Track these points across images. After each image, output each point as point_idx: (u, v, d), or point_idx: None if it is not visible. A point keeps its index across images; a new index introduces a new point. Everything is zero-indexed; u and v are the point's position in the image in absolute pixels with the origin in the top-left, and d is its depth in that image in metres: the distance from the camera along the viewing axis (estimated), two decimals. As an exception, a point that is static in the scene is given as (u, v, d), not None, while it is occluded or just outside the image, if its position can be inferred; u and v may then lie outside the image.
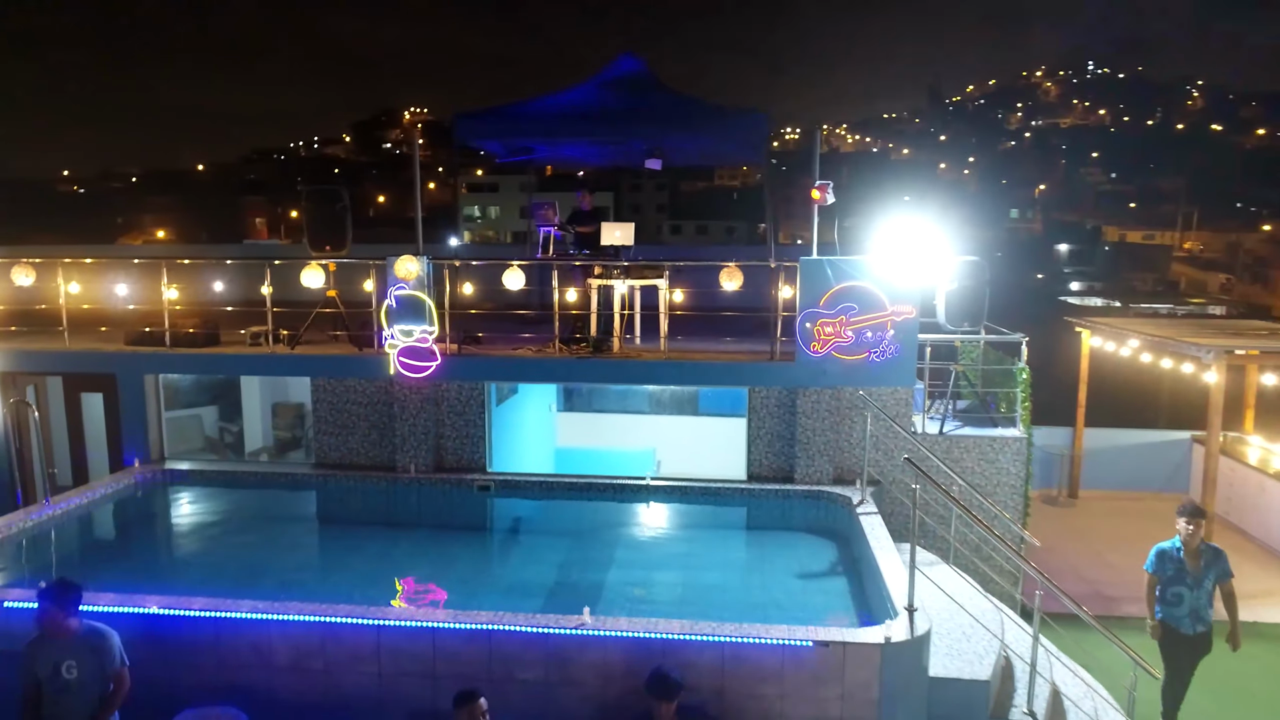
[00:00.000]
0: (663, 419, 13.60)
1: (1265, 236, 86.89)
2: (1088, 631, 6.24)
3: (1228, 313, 58.12)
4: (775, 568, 8.14)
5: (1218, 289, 76.79)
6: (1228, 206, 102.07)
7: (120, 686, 5.57)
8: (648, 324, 10.44)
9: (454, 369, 9.60)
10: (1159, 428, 16.32)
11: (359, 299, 10.51)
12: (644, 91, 10.20)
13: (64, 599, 5.51)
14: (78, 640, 5.51)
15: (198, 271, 10.54)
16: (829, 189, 8.94)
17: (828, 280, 9.08)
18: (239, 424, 13.68)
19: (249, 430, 13.50)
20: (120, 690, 5.57)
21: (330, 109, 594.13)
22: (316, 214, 9.90)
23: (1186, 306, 62.26)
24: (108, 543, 8.88)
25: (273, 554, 8.48)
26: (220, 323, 10.70)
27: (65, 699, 5.43)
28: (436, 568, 8.14)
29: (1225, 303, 65.58)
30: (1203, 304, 64.38)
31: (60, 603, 5.49)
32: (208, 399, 13.40)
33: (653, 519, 9.41)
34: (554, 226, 10.35)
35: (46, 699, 5.43)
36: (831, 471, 9.42)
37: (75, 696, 5.44)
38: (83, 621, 5.59)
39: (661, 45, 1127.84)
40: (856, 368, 9.16)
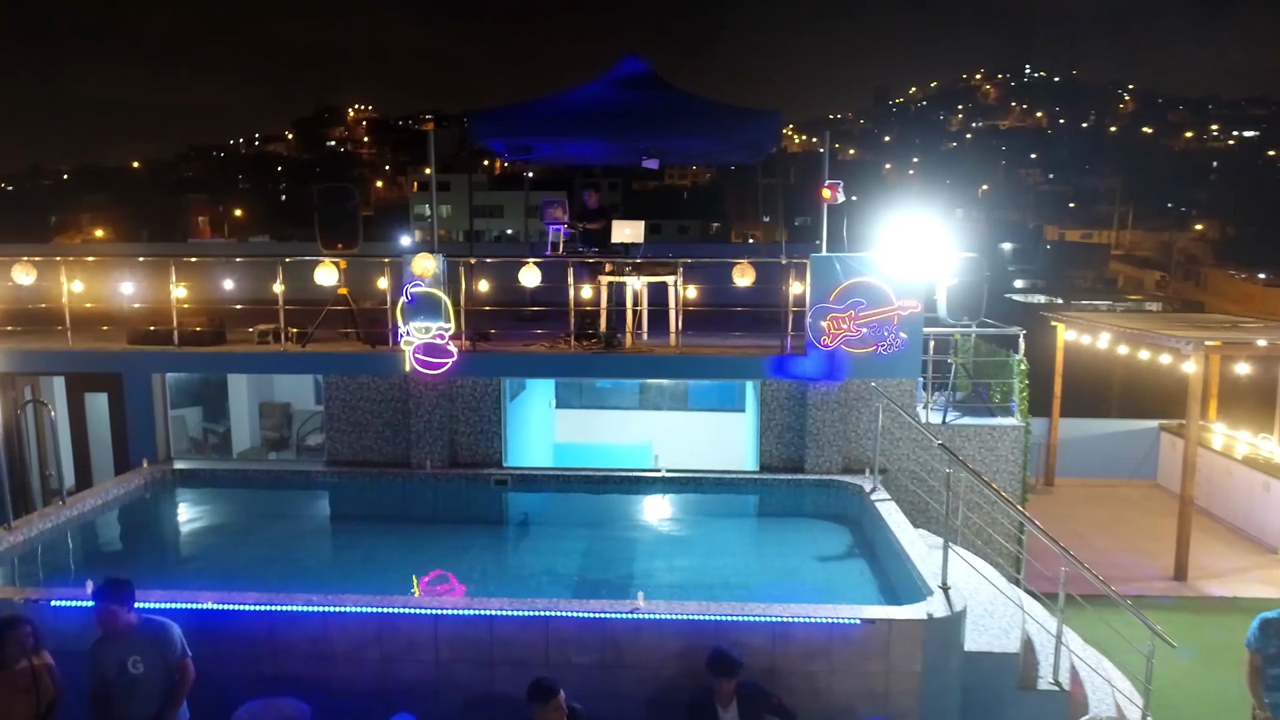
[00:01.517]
0: (657, 414, 13.86)
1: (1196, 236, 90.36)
2: (1085, 609, 6.72)
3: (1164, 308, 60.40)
4: (795, 552, 8.44)
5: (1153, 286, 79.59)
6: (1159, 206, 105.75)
7: (185, 677, 5.62)
8: (655, 320, 10.66)
9: (470, 365, 9.71)
10: (1109, 417, 17.07)
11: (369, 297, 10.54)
12: (652, 91, 10.41)
13: (119, 595, 5.55)
14: (139, 635, 5.55)
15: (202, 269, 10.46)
16: (839, 188, 9.27)
17: (837, 276, 9.41)
18: (225, 424, 13.56)
19: (236, 431, 13.40)
20: (185, 680, 5.62)
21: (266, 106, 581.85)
22: (327, 212, 9.91)
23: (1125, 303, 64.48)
24: (132, 542, 8.81)
25: (298, 551, 8.51)
26: (226, 321, 10.63)
27: (134, 693, 5.48)
28: (462, 562, 8.25)
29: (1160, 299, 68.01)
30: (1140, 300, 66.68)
31: (116, 599, 5.53)
32: (190, 400, 13.26)
33: (670, 510, 9.64)
34: (563, 225, 10.51)
35: (115, 695, 5.47)
36: (840, 461, 9.75)
37: (143, 690, 5.49)
38: (140, 616, 5.64)
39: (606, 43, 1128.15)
40: (864, 360, 9.50)
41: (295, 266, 10.19)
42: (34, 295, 10.20)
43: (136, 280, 10.38)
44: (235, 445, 13.27)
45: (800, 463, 9.87)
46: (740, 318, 10.19)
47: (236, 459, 12.83)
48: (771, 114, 10.00)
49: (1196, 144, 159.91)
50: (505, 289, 11.74)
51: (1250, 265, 69.37)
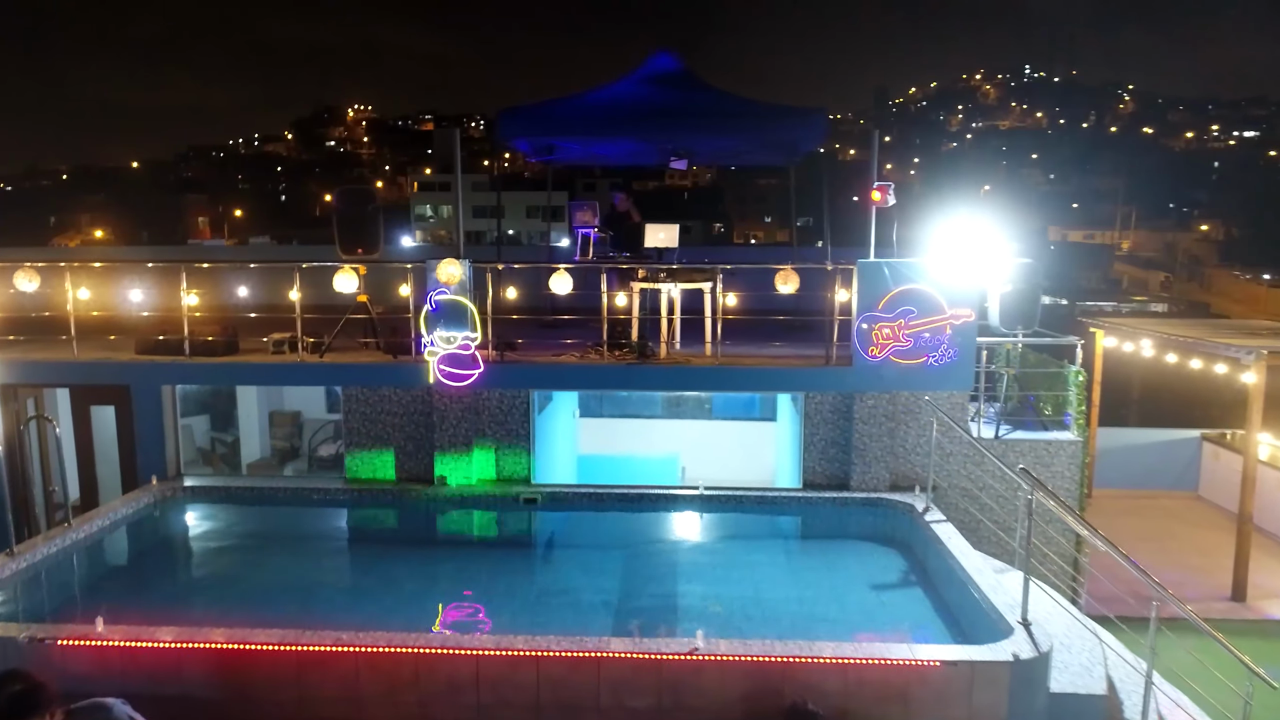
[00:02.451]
0: (681, 423, 13.35)
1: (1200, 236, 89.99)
2: (1170, 638, 6.21)
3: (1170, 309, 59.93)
4: (846, 578, 7.94)
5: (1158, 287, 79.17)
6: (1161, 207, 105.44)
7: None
8: (688, 328, 10.15)
9: (497, 377, 9.21)
10: (1129, 425, 16.59)
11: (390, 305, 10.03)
12: (686, 88, 9.92)
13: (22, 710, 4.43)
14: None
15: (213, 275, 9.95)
16: (890, 190, 8.78)
17: (886, 283, 8.91)
18: (233, 434, 13.05)
19: (245, 441, 12.87)
20: None
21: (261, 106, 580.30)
22: (347, 215, 9.40)
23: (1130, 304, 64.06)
24: (141, 569, 8.29)
25: (319, 578, 8.01)
26: (239, 329, 10.11)
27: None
28: (493, 589, 7.74)
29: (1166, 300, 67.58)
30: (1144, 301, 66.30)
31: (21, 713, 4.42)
32: (197, 408, 12.76)
33: (710, 531, 9.15)
34: (592, 229, 10.00)
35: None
36: (888, 478, 9.26)
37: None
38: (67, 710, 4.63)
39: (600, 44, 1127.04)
40: (914, 372, 9.00)
41: (311, 272, 9.68)
42: (37, 303, 9.68)
43: (145, 287, 9.85)
44: (244, 456, 12.75)
45: (845, 479, 9.37)
46: (779, 326, 9.67)
47: (246, 471, 12.35)
48: (816, 112, 9.50)
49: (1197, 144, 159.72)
50: (528, 295, 11.23)
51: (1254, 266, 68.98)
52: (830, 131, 9.58)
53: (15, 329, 9.81)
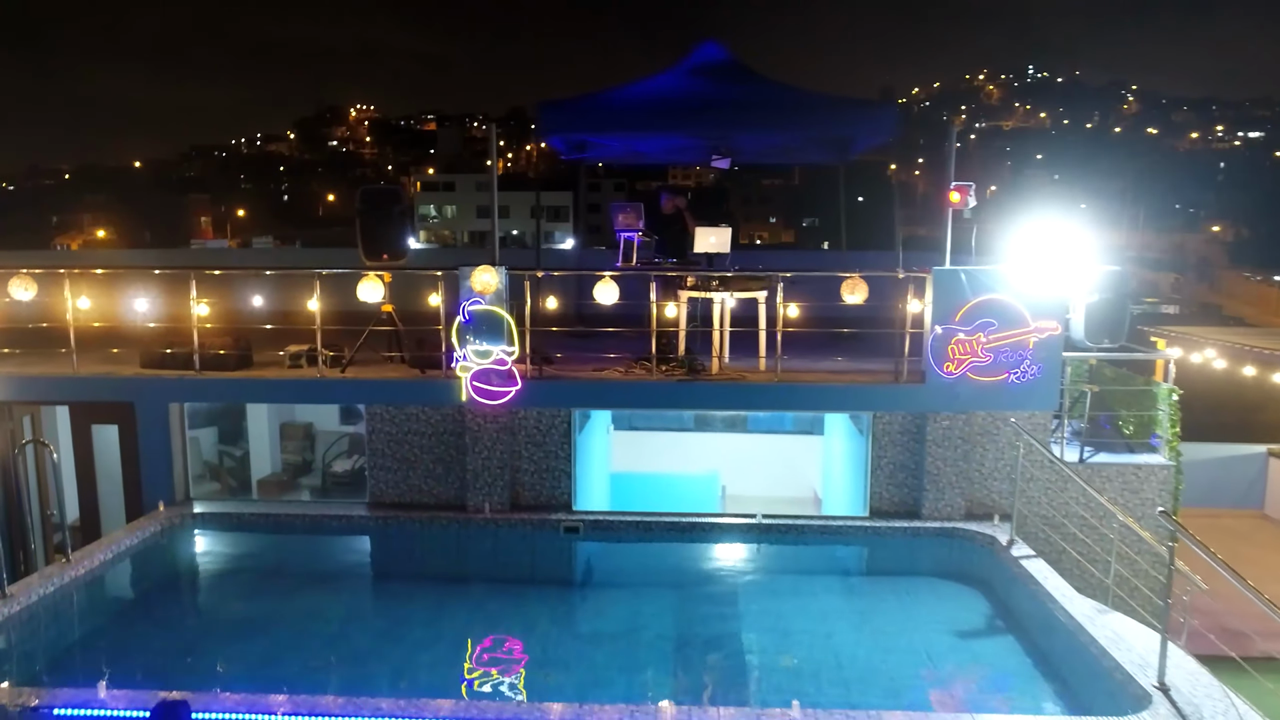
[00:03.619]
0: (718, 437, 12.56)
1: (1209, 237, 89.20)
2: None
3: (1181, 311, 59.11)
4: (926, 625, 7.13)
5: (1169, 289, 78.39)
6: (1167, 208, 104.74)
7: None
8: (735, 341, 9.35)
9: (536, 394, 8.43)
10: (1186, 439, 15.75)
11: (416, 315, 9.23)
12: (739, 80, 9.13)
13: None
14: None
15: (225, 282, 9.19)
16: (970, 192, 7.99)
17: (963, 293, 8.13)
18: (243, 448, 12.28)
19: (255, 454, 12.11)
20: None
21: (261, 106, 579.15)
22: (371, 217, 8.63)
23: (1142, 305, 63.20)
24: (149, 612, 7.47)
25: (342, 621, 7.22)
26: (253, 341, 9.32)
27: None
28: (535, 635, 6.94)
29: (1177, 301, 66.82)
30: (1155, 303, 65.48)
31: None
32: (204, 420, 11.98)
33: (769, 565, 8.36)
34: (636, 232, 9.21)
35: None
36: (962, 506, 8.48)
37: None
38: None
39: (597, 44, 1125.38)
40: (993, 390, 8.22)
41: (329, 279, 8.89)
42: (33, 312, 8.90)
43: (150, 295, 9.06)
44: (254, 471, 11.98)
45: (915, 506, 8.59)
46: (836, 338, 8.88)
47: (257, 488, 11.58)
48: (884, 105, 8.72)
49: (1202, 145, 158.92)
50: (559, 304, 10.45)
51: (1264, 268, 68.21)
52: (900, 127, 8.78)
53: (9, 341, 9.03)
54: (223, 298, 8.98)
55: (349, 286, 8.79)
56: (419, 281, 9.24)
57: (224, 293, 8.98)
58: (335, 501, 9.28)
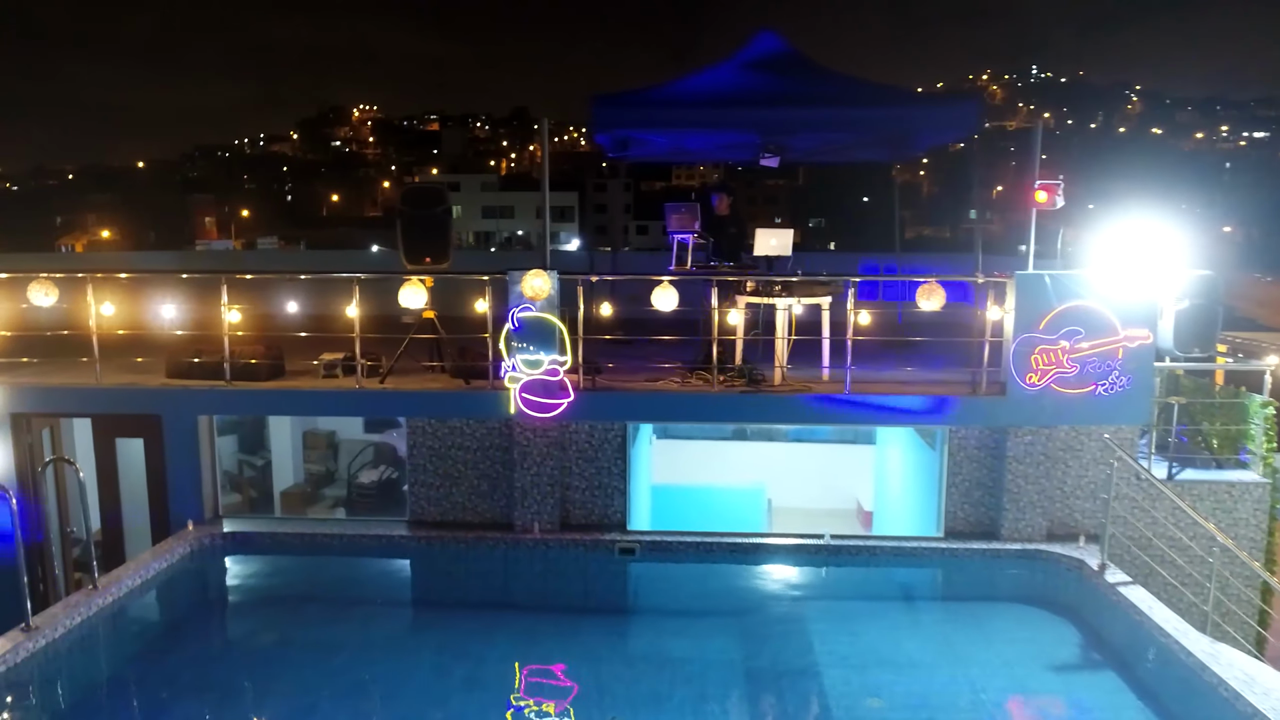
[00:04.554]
0: (761, 446, 12.05)
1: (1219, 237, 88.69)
2: None
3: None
4: (1013, 656, 6.61)
5: (1180, 290, 77.62)
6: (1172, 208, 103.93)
7: None
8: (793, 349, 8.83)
9: (589, 407, 7.91)
10: None
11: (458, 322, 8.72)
12: (799, 73, 8.60)
13: None
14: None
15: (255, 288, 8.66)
16: (1059, 190, 7.47)
17: (1048, 299, 7.61)
18: (264, 457, 11.77)
19: (278, 464, 11.61)
20: None
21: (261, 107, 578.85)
22: (414, 219, 8.11)
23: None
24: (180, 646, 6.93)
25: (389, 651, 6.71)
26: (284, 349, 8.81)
27: None
28: (584, 667, 6.42)
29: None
30: (1167, 305, 64.70)
31: None
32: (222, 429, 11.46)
33: (840, 589, 7.86)
34: (691, 234, 8.69)
35: None
36: (1044, 526, 7.95)
37: None
38: None
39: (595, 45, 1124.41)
40: (1078, 403, 7.69)
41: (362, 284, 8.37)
42: (53, 319, 8.39)
43: (176, 300, 8.54)
44: (276, 482, 11.47)
45: (993, 527, 8.06)
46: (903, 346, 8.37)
47: (280, 500, 11.06)
48: (968, 100, 8.19)
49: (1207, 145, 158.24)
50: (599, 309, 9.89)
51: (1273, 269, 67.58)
52: (979, 123, 8.25)
53: (28, 349, 8.52)
54: (251, 303, 8.45)
55: (384, 291, 8.29)
56: (461, 286, 8.73)
57: (251, 297, 8.45)
58: (374, 520, 8.75)
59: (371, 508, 10.77)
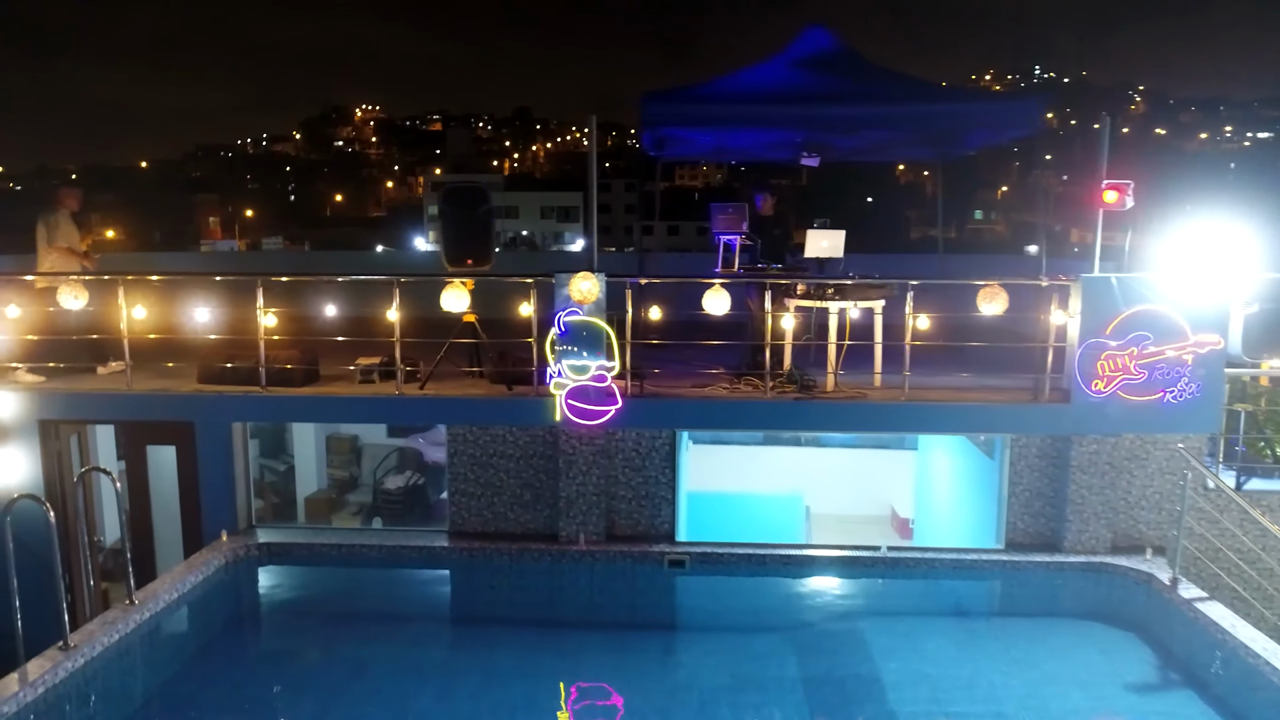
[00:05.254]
0: (795, 451, 11.76)
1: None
2: None
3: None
4: (1086, 674, 6.35)
5: (1188, 291, 77.22)
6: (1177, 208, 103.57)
7: None
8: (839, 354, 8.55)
9: (638, 414, 7.65)
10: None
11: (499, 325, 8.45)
12: (851, 71, 8.33)
13: None
14: None
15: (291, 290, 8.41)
16: (1129, 190, 7.20)
17: (1116, 303, 7.34)
18: (286, 462, 11.54)
19: (301, 469, 11.39)
20: None
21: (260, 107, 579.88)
22: (456, 219, 7.86)
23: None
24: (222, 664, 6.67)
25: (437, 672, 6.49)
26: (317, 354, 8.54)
27: None
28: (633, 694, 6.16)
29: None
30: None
31: None
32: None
33: (899, 603, 7.58)
34: (739, 235, 8.43)
35: None
36: (1108, 538, 7.68)
37: None
38: None
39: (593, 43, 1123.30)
40: (1146, 411, 7.43)
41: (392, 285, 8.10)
42: (80, 322, 8.13)
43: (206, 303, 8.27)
44: (300, 488, 11.25)
45: (1054, 538, 7.80)
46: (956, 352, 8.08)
47: (304, 507, 10.84)
48: (1028, 100, 7.93)
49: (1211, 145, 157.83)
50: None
51: (1282, 270, 67.01)
52: (1039, 121, 7.98)
53: (54, 354, 8.25)
54: (280, 305, 8.18)
55: (418, 293, 8.04)
56: (501, 289, 8.46)
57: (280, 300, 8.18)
58: (413, 531, 8.50)
59: (399, 514, 10.52)
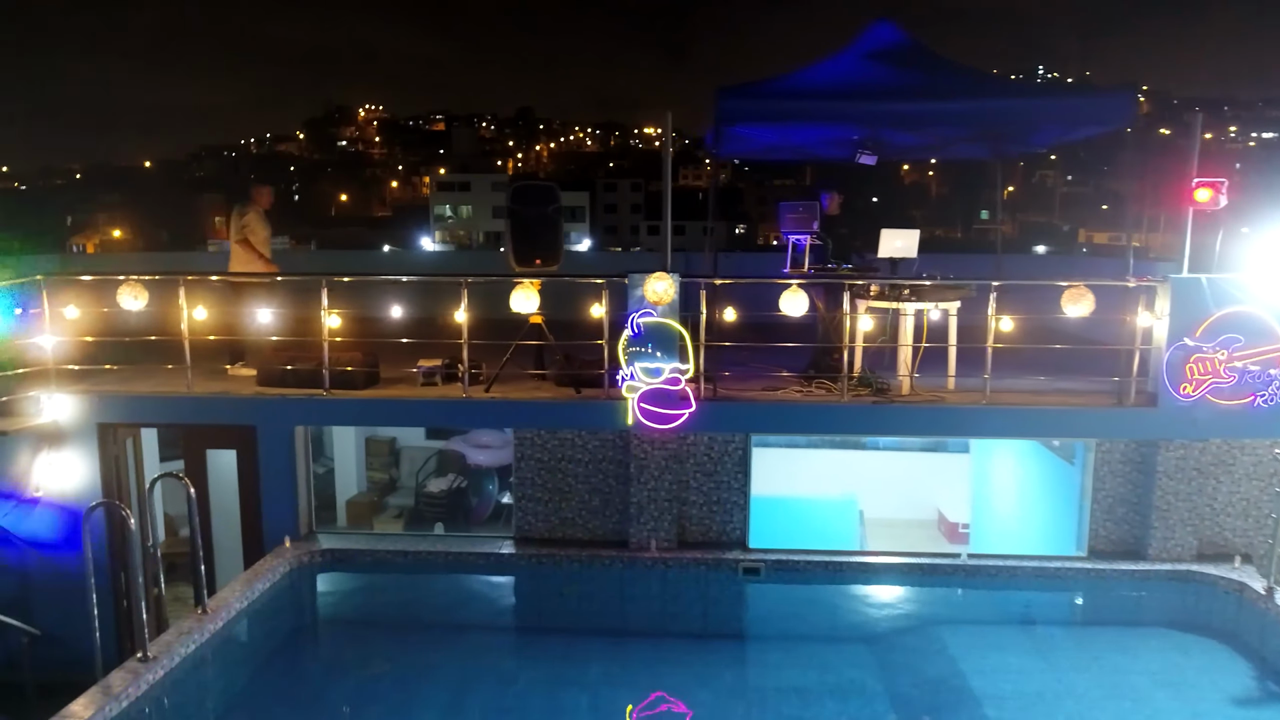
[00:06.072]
0: (847, 454, 11.56)
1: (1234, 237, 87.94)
2: None
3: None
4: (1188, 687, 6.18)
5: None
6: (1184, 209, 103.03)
7: None
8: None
9: (712, 418, 7.47)
10: None
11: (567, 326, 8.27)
12: (924, 65, 8.15)
13: None
14: None
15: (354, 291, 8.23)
16: (1223, 189, 7.02)
17: (1205, 305, 7.16)
18: (327, 464, 11.36)
19: (341, 472, 11.21)
20: None
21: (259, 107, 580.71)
22: (524, 218, 7.68)
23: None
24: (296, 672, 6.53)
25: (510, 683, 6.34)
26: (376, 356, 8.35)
27: None
28: (729, 695, 6.02)
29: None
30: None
31: None
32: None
33: (981, 611, 7.41)
34: (808, 235, 8.25)
35: None
36: (1194, 545, 7.49)
37: None
38: None
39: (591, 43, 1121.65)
40: (1235, 415, 7.24)
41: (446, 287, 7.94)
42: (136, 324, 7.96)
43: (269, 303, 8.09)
44: (340, 490, 11.07)
45: (1138, 546, 7.61)
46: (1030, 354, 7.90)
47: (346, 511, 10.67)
48: (1122, 92, 7.75)
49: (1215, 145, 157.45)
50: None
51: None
52: (1134, 115, 7.79)
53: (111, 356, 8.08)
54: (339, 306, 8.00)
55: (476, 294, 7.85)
56: (567, 289, 8.28)
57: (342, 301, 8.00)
58: (479, 537, 8.31)
59: (441, 518, 10.35)
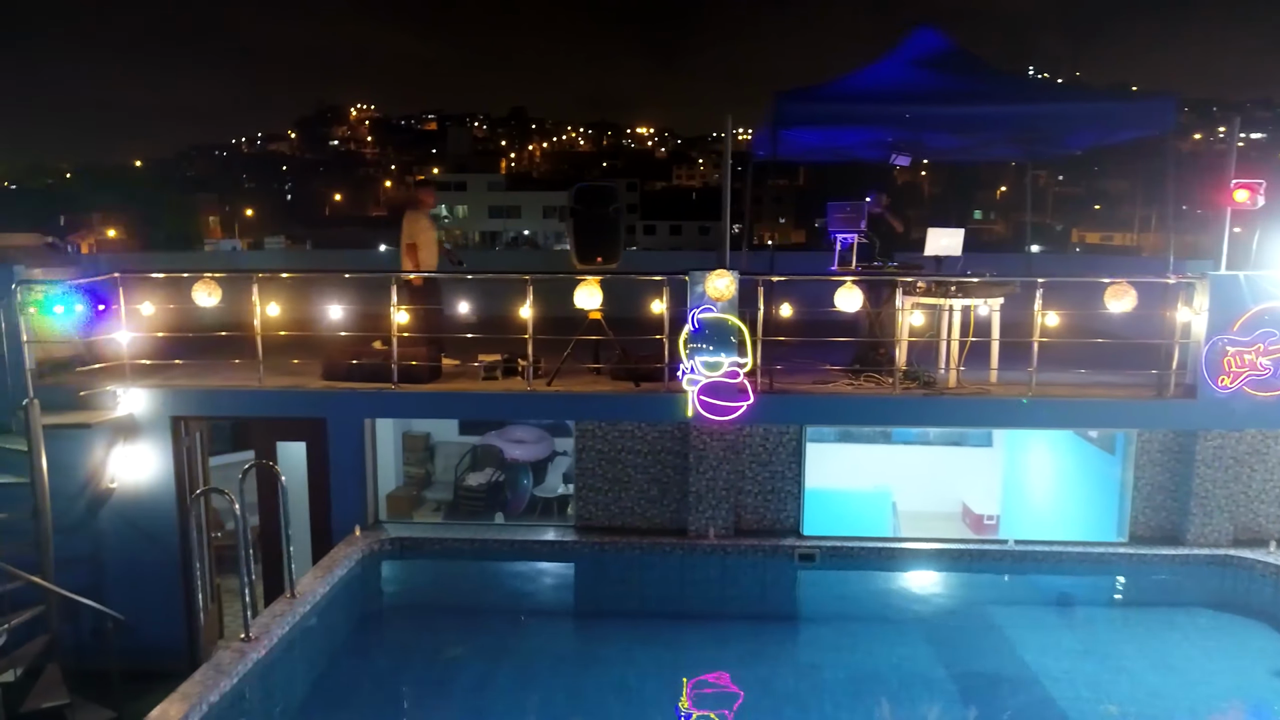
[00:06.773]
0: (879, 449, 11.87)
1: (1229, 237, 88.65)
2: None
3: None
4: (1233, 666, 6.52)
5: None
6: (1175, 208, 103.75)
7: None
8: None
9: (768, 410, 7.75)
10: None
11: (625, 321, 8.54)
12: (962, 71, 8.45)
13: None
14: None
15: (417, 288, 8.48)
16: (1261, 190, 7.35)
17: (1243, 300, 7.49)
18: (365, 460, 11.60)
19: (381, 466, 11.43)
20: None
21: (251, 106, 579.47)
22: (585, 217, 7.95)
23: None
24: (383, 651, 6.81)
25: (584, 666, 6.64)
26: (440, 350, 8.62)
27: None
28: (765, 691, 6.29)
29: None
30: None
31: None
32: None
33: (1028, 595, 7.72)
34: (855, 233, 8.54)
35: None
36: (1231, 531, 7.83)
37: None
38: None
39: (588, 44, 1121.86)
40: (1271, 406, 7.58)
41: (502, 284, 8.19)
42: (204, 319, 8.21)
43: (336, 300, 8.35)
44: (380, 485, 11.29)
45: (1176, 532, 7.94)
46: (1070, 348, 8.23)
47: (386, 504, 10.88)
48: (1163, 99, 8.06)
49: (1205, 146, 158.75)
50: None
51: (1285, 272, 67.55)
52: (1172, 121, 8.10)
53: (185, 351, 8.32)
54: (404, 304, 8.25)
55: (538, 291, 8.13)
56: (625, 286, 8.55)
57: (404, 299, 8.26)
58: (542, 525, 8.58)
59: (479, 511, 10.61)
